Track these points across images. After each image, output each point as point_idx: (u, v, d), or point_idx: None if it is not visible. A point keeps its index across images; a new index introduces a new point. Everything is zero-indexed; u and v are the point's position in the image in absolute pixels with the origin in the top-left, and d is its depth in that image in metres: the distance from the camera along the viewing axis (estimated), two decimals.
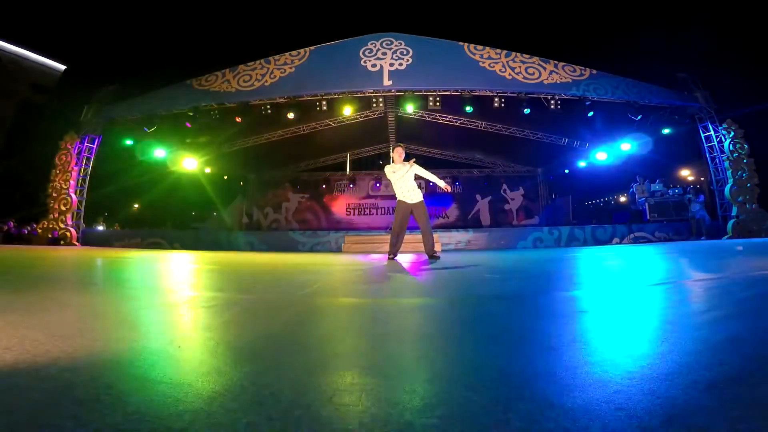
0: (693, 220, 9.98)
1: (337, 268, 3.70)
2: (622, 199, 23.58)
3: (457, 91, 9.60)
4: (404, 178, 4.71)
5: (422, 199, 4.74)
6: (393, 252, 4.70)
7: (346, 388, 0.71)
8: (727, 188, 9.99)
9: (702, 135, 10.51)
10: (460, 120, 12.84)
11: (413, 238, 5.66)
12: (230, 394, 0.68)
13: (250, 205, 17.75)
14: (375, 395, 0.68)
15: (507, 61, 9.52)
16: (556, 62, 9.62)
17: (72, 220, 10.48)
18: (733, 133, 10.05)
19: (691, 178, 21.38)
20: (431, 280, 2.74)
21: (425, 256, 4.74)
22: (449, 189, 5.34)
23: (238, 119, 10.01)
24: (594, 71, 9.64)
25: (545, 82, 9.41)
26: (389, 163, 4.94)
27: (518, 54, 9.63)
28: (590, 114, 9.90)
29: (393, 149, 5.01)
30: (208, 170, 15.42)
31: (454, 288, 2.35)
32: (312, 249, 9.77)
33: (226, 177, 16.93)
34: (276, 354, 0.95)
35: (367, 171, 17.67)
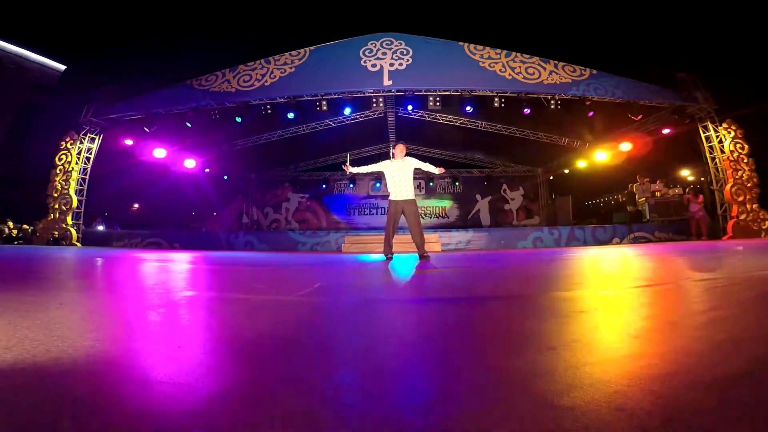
0: (693, 220, 9.98)
1: (335, 269, 3.70)
2: (623, 199, 23.53)
3: (457, 91, 9.60)
4: (403, 173, 4.74)
5: (414, 198, 4.76)
6: (389, 252, 4.73)
7: (346, 389, 0.71)
8: (727, 188, 9.98)
9: (702, 135, 10.50)
10: (460, 120, 12.83)
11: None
12: (230, 394, 0.68)
13: (250, 205, 17.75)
14: (375, 395, 0.68)
15: (507, 61, 9.52)
16: (556, 62, 9.61)
17: (72, 220, 10.48)
18: (733, 133, 10.04)
19: (691, 178, 21.37)
20: (429, 281, 2.74)
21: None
22: (443, 170, 4.94)
23: (239, 119, 10.01)
24: (594, 71, 9.64)
25: (545, 82, 9.41)
26: (389, 160, 4.95)
27: (518, 54, 9.62)
28: (590, 114, 9.90)
29: (394, 146, 5.00)
30: (208, 170, 15.43)
31: (454, 288, 2.35)
32: (312, 249, 9.78)
33: (226, 177, 16.94)
34: (276, 354, 0.95)
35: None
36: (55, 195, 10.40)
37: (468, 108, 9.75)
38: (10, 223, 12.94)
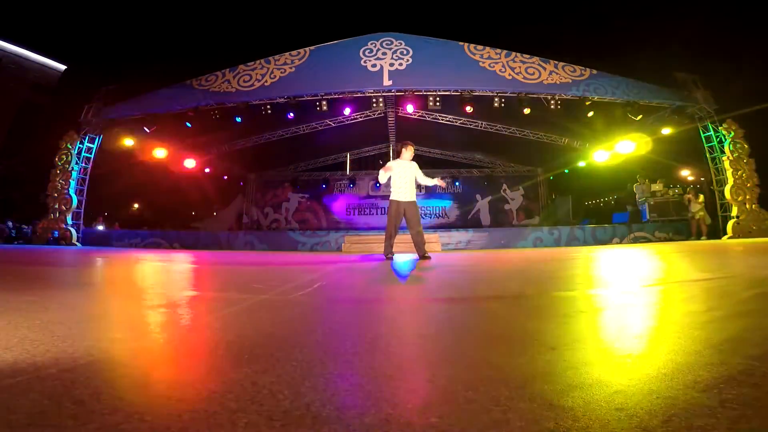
0: (693, 220, 9.98)
1: (335, 269, 3.70)
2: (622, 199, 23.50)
3: (457, 91, 9.60)
4: (409, 175, 4.77)
5: (415, 199, 4.81)
6: (389, 252, 4.74)
7: (346, 389, 0.71)
8: (727, 188, 9.98)
9: (702, 135, 10.50)
10: (460, 120, 12.83)
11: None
12: (230, 394, 0.68)
13: (250, 205, 17.75)
14: (375, 395, 0.68)
15: (507, 61, 9.52)
16: (556, 62, 9.62)
17: (72, 220, 10.48)
18: (733, 133, 10.04)
19: (691, 178, 21.36)
20: (430, 281, 2.74)
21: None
22: (443, 184, 5.26)
23: (239, 119, 10.02)
24: (594, 71, 9.64)
25: (545, 82, 9.41)
26: (395, 159, 4.98)
27: (518, 54, 9.63)
28: (590, 114, 9.90)
29: (405, 146, 4.96)
30: (208, 170, 15.43)
31: (454, 288, 2.35)
32: (312, 249, 9.78)
33: (226, 177, 16.93)
34: (276, 354, 0.95)
35: (367, 171, 17.66)
36: (55, 195, 10.40)
37: (468, 108, 9.75)
38: (10, 223, 12.95)
